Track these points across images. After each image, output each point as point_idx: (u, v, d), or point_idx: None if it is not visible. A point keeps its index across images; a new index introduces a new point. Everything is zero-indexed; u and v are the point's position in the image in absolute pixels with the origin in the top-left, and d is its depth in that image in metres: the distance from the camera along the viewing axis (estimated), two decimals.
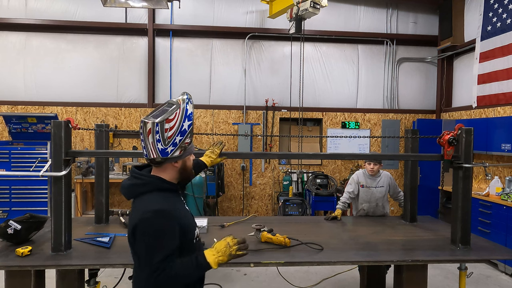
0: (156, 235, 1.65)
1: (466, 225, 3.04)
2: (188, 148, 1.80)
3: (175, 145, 1.73)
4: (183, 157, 1.81)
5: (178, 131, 1.72)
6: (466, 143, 3.01)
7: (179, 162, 1.80)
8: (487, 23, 6.29)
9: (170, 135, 1.71)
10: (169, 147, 1.72)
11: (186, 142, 1.76)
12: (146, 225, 1.66)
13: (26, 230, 2.94)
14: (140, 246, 1.68)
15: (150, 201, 1.71)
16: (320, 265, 2.96)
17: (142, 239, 1.67)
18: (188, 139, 1.77)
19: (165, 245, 1.65)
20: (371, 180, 4.23)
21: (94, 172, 3.73)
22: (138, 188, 1.76)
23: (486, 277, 5.01)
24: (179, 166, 1.81)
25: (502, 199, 5.22)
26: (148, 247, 1.65)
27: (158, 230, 1.65)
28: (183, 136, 1.74)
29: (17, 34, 7.26)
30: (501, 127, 5.67)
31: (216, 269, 1.82)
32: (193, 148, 1.90)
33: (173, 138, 1.72)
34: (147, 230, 1.66)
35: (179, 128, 1.72)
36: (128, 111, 7.41)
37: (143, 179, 1.77)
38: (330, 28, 7.70)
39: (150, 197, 1.73)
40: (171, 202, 1.76)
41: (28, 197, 6.30)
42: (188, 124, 1.75)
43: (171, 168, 1.80)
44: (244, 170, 7.62)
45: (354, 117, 7.84)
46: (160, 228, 1.65)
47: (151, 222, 1.65)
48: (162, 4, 5.39)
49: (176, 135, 1.72)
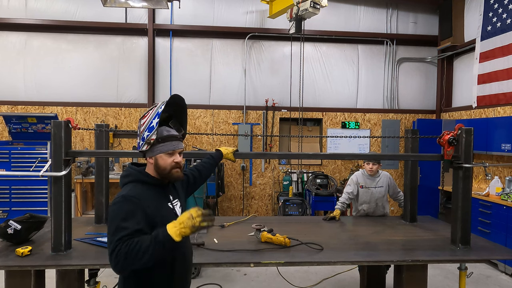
0: (119, 217, 1.71)
1: (466, 225, 3.04)
2: (156, 146, 1.88)
3: (143, 140, 1.88)
4: (152, 154, 1.89)
5: (147, 127, 1.87)
6: (466, 143, 3.01)
7: (152, 158, 1.91)
8: (487, 23, 6.29)
9: (142, 130, 1.90)
10: (140, 141, 1.91)
11: (152, 138, 1.86)
12: (112, 209, 1.76)
13: (26, 230, 2.94)
14: (108, 230, 1.74)
15: (124, 189, 1.85)
16: (320, 265, 2.96)
17: (109, 223, 1.75)
18: (154, 136, 1.86)
19: (125, 226, 1.69)
20: (370, 181, 4.23)
21: (94, 172, 3.73)
22: (123, 178, 1.93)
23: (486, 277, 5.01)
24: (153, 162, 1.91)
25: (502, 199, 5.22)
26: (111, 229, 1.71)
27: (121, 212, 1.73)
28: (150, 132, 1.86)
29: (17, 34, 7.26)
30: (501, 127, 5.67)
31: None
32: (168, 148, 1.90)
33: (143, 133, 1.89)
34: (112, 213, 1.75)
35: (148, 124, 1.87)
36: (128, 111, 7.41)
37: (127, 170, 1.95)
38: (330, 28, 7.70)
39: (128, 186, 1.86)
40: (145, 193, 1.84)
41: (28, 197, 6.30)
42: (156, 121, 1.85)
43: (149, 163, 1.93)
44: (244, 170, 7.62)
45: (354, 117, 7.84)
46: (122, 210, 1.73)
47: (117, 206, 1.76)
48: (162, 4, 5.40)
49: (145, 131, 1.87)
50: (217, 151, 2.89)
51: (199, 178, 2.52)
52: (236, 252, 2.80)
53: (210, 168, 2.71)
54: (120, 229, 1.68)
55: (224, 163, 7.13)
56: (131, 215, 1.72)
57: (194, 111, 7.53)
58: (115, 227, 1.69)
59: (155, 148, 1.88)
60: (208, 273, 4.83)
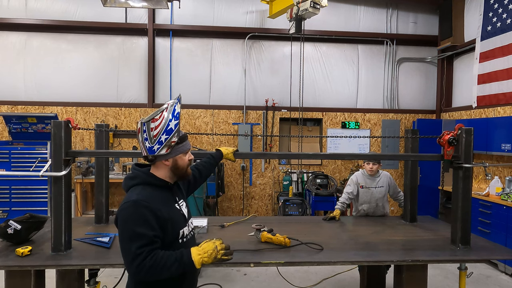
0: (132, 223, 1.71)
1: (466, 225, 3.04)
2: (176, 147, 1.87)
3: (161, 143, 1.82)
4: (171, 156, 1.88)
5: (164, 130, 1.82)
6: (466, 143, 3.01)
7: (169, 160, 1.88)
8: (487, 23, 6.29)
9: (156, 134, 1.82)
10: (155, 145, 1.82)
11: (172, 141, 1.84)
12: (123, 214, 1.75)
13: (26, 230, 2.94)
14: (120, 235, 1.73)
15: (133, 193, 1.81)
16: (320, 265, 2.96)
17: (121, 228, 1.74)
18: (174, 138, 1.84)
19: (141, 232, 1.69)
20: (370, 181, 4.23)
21: (94, 172, 3.73)
22: (130, 181, 1.88)
23: (486, 277, 5.01)
24: (170, 164, 1.89)
25: (502, 199, 5.22)
26: (124, 234, 1.71)
27: (134, 218, 1.72)
28: (169, 134, 1.82)
29: (17, 34, 7.26)
30: (501, 127, 5.67)
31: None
32: (186, 148, 1.94)
33: (158, 136, 1.82)
34: (123, 218, 1.74)
35: (165, 127, 1.82)
36: (128, 111, 7.41)
37: (134, 172, 1.90)
38: (330, 28, 7.70)
39: (136, 190, 1.83)
40: (154, 195, 1.82)
41: (28, 197, 6.30)
42: (174, 123, 1.83)
43: (163, 166, 1.90)
44: (244, 170, 7.62)
45: (354, 117, 7.84)
46: (135, 216, 1.72)
47: (128, 211, 1.74)
48: (162, 4, 5.40)
49: (162, 134, 1.82)
50: (217, 151, 2.90)
51: (199, 178, 2.54)
52: (236, 252, 2.79)
53: (210, 168, 2.72)
54: (137, 236, 1.69)
55: (224, 163, 7.13)
56: (144, 220, 1.72)
57: (194, 111, 7.53)
58: (130, 233, 1.70)
59: (175, 149, 1.87)
60: (208, 273, 4.83)
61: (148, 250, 1.68)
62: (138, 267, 1.67)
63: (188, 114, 7.51)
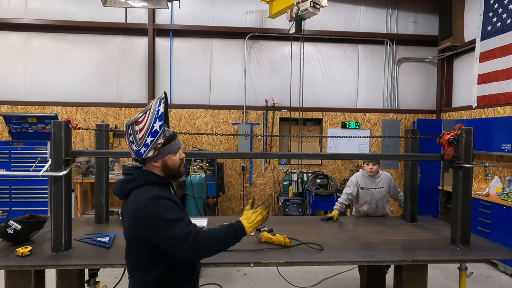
0: (166, 212, 1.68)
1: (466, 225, 3.04)
2: (163, 149, 1.81)
3: (147, 146, 1.76)
4: (159, 157, 1.82)
5: (149, 132, 1.75)
6: (466, 143, 3.01)
7: (158, 162, 1.83)
8: (487, 23, 6.29)
9: (141, 137, 1.75)
10: (141, 148, 1.77)
11: (158, 143, 1.76)
12: (150, 209, 1.68)
13: (26, 230, 2.94)
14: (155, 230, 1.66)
15: (142, 193, 1.74)
16: (320, 265, 2.96)
17: (155, 223, 1.66)
18: (160, 140, 1.77)
19: (177, 217, 1.70)
20: (370, 182, 4.23)
21: (94, 172, 3.73)
22: (130, 183, 1.81)
23: (486, 277, 5.01)
24: (159, 165, 1.84)
25: (502, 199, 5.22)
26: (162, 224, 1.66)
27: (165, 209, 1.69)
28: (154, 136, 1.75)
29: (17, 34, 7.26)
30: (501, 127, 5.67)
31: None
32: (175, 148, 1.88)
33: (144, 139, 1.75)
34: (153, 212, 1.67)
35: (149, 129, 1.75)
36: (128, 111, 7.41)
37: (135, 173, 1.83)
38: (330, 28, 7.70)
39: (143, 190, 1.76)
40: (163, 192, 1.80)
41: (28, 197, 6.29)
42: (159, 124, 1.76)
43: (153, 167, 1.84)
44: (244, 170, 7.62)
45: (354, 117, 7.84)
46: (164, 206, 1.70)
47: (154, 206, 1.68)
48: (162, 4, 5.39)
49: (147, 136, 1.75)
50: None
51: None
52: (236, 252, 2.80)
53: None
54: (174, 221, 1.67)
55: (224, 163, 7.13)
56: (171, 207, 1.72)
57: (194, 111, 7.53)
58: (167, 221, 1.66)
59: (163, 151, 1.81)
60: (208, 273, 4.83)
61: (194, 227, 1.68)
62: (194, 244, 1.65)
63: (188, 114, 7.51)
